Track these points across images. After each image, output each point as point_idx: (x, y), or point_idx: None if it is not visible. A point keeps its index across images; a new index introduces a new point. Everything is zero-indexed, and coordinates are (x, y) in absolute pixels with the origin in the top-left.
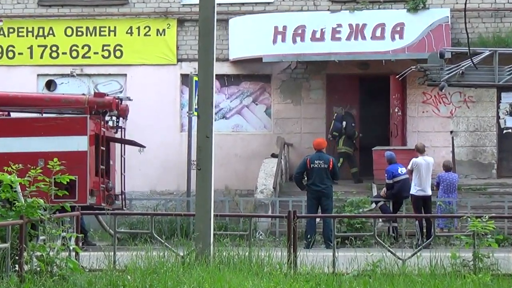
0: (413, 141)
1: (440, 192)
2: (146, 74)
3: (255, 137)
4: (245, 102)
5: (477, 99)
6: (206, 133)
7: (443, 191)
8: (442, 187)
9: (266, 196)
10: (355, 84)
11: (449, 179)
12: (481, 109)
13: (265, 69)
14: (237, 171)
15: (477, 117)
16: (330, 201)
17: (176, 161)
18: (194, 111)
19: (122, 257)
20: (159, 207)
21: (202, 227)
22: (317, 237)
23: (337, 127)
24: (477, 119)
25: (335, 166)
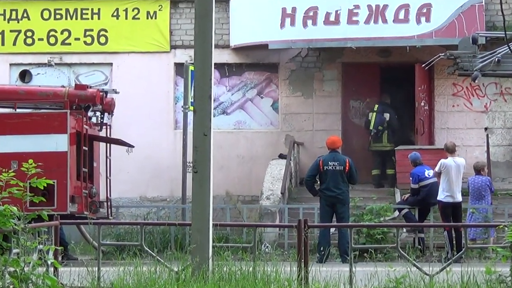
0: (442, 140)
1: (470, 199)
2: (134, 63)
3: (260, 135)
4: (249, 95)
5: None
6: (204, 130)
7: (471, 197)
8: (470, 193)
9: (273, 202)
10: (375, 74)
11: (475, 183)
12: None
13: (272, 57)
14: (240, 174)
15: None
16: (347, 208)
17: (170, 163)
18: (190, 105)
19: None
20: (150, 216)
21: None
22: (332, 249)
23: (381, 120)
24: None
25: (352, 168)
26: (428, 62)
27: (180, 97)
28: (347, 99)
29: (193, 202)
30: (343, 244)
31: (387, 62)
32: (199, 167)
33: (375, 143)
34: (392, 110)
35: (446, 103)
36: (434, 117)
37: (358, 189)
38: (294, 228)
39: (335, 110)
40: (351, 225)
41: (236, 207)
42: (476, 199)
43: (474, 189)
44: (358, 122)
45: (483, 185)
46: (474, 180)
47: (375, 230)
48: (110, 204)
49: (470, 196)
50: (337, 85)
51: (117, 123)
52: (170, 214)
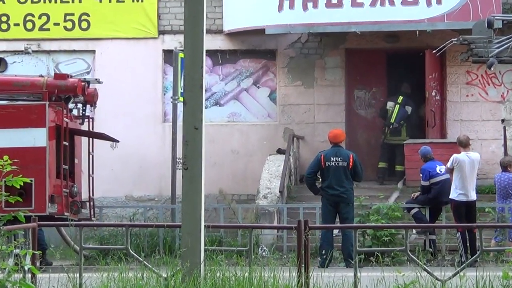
0: (455, 133)
1: (497, 197)
2: (119, 50)
3: (257, 129)
4: (244, 85)
5: None
6: (195, 123)
7: (498, 196)
8: (497, 191)
9: (270, 202)
10: (382, 62)
11: (502, 180)
12: None
13: (269, 43)
14: (234, 171)
15: None
16: (351, 208)
17: (158, 159)
18: (179, 96)
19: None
20: (137, 217)
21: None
22: (335, 253)
23: (404, 114)
24: None
25: (357, 163)
26: (440, 48)
27: (169, 87)
28: (351, 89)
29: (183, 202)
30: (347, 247)
31: (395, 48)
32: (190, 164)
33: (392, 136)
34: (414, 103)
35: (459, 93)
36: (446, 108)
37: (363, 187)
38: (294, 229)
39: (338, 101)
40: (355, 226)
41: (231, 207)
42: (503, 197)
43: (501, 187)
44: (363, 113)
45: (510, 182)
46: (500, 178)
47: (382, 231)
48: (93, 204)
49: (497, 195)
50: (340, 73)
51: (100, 115)
52: (159, 215)
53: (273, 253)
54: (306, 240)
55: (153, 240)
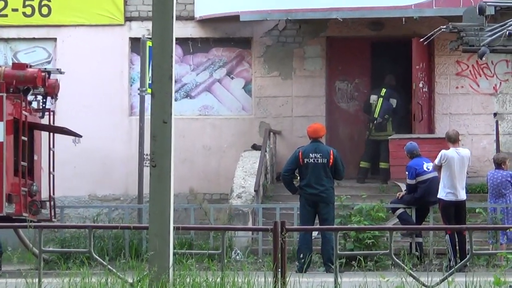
0: (443, 127)
1: (489, 197)
2: (82, 38)
3: (230, 123)
4: (217, 76)
5: None
6: (164, 117)
7: (490, 195)
8: (490, 190)
9: (245, 202)
10: (365, 51)
11: (495, 178)
12: None
13: (244, 31)
14: (206, 169)
15: None
16: (331, 208)
17: (124, 156)
18: (147, 87)
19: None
20: (101, 218)
21: (158, 244)
22: (314, 257)
23: (388, 108)
24: None
25: (338, 160)
26: (427, 36)
27: (136, 78)
28: (332, 80)
29: (151, 202)
30: (327, 250)
31: (379, 36)
32: (158, 160)
33: (378, 132)
34: (399, 95)
35: (449, 84)
36: (434, 100)
37: (344, 185)
38: (270, 231)
39: (318, 93)
40: (336, 228)
41: (202, 207)
42: (495, 197)
43: (493, 185)
44: (345, 106)
45: (504, 181)
46: (493, 175)
47: (364, 233)
48: (54, 204)
49: (489, 194)
50: (320, 63)
51: (62, 108)
52: (124, 215)
53: (248, 256)
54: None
55: (118, 242)
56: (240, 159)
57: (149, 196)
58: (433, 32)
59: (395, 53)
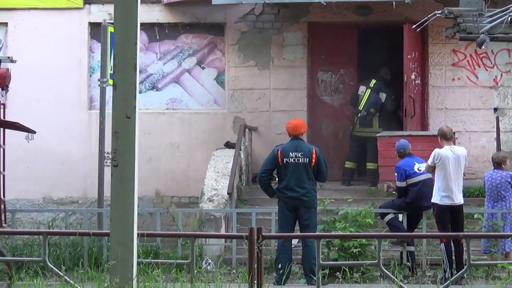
0: (438, 123)
1: (486, 199)
2: (37, 23)
3: (201, 118)
4: (186, 65)
5: None
6: (127, 111)
7: (488, 197)
8: (487, 192)
9: (217, 206)
10: (352, 38)
11: (493, 179)
12: None
13: (216, 16)
14: (174, 169)
15: None
16: (313, 213)
17: (83, 154)
18: (109, 78)
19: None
20: (57, 223)
21: (121, 252)
22: (294, 267)
23: (375, 101)
24: None
25: (321, 160)
26: (421, 22)
27: (97, 67)
28: (315, 71)
29: (113, 205)
30: (309, 260)
31: (367, 22)
32: (121, 159)
33: (362, 128)
34: (390, 90)
35: (444, 76)
36: (428, 94)
37: (328, 188)
38: (245, 239)
39: (298, 85)
40: (319, 235)
41: (169, 211)
42: (493, 200)
43: (491, 187)
44: (328, 100)
45: (503, 182)
46: (491, 176)
47: (350, 241)
48: (4, 207)
49: (486, 197)
50: (301, 52)
51: (13, 101)
52: (83, 220)
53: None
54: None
55: (76, 250)
56: (211, 158)
57: (110, 199)
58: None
59: (385, 41)
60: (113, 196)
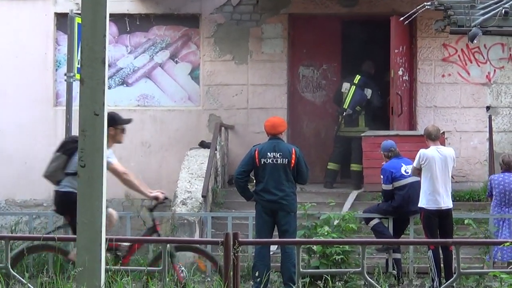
0: (427, 122)
1: (493, 204)
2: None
3: (174, 115)
4: (158, 59)
5: None
6: (95, 108)
7: (496, 202)
8: (495, 197)
9: (191, 209)
10: (336, 31)
11: (505, 183)
12: None
13: (191, 7)
14: (145, 170)
15: None
16: (293, 218)
17: (48, 154)
18: (76, 73)
19: None
20: (20, 227)
21: (88, 259)
22: (273, 275)
23: (361, 98)
24: None
25: (301, 161)
26: (409, 14)
27: (63, 61)
28: (296, 65)
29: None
30: (288, 267)
31: (352, 14)
32: (88, 159)
33: (348, 127)
34: (376, 85)
35: (433, 72)
36: (416, 91)
37: (309, 191)
38: (220, 245)
39: (278, 81)
40: (299, 241)
41: (140, 215)
42: (505, 204)
43: (503, 191)
44: (310, 97)
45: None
46: (504, 179)
47: (332, 248)
48: None
49: (494, 201)
50: (281, 45)
51: None
52: (48, 224)
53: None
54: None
55: (41, 257)
56: (185, 158)
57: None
58: (415, 9)
59: (371, 35)
60: (80, 198)
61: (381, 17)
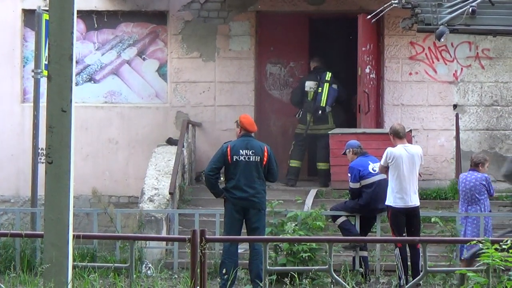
0: (394, 120)
1: (460, 203)
2: None
3: (142, 112)
4: (126, 56)
5: (497, 54)
6: (62, 104)
7: (461, 200)
8: (461, 194)
9: (158, 206)
10: (303, 29)
11: (467, 181)
12: (502, 70)
13: (158, 3)
14: (112, 167)
15: (497, 83)
16: (262, 215)
17: (15, 150)
18: (43, 69)
19: None
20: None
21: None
22: (240, 272)
23: (334, 95)
24: (497, 86)
25: (272, 159)
26: (376, 12)
27: (30, 57)
28: (263, 63)
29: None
30: (256, 265)
31: (320, 11)
32: (55, 156)
33: (318, 125)
34: (340, 82)
35: (401, 70)
36: (383, 89)
37: (276, 188)
38: (187, 242)
39: (245, 78)
40: (266, 238)
41: (107, 212)
42: (467, 203)
43: (466, 189)
44: (277, 94)
45: (478, 184)
46: (466, 178)
47: (299, 245)
48: None
49: (460, 200)
50: (249, 42)
51: None
52: (15, 220)
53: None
54: (202, 256)
55: (8, 253)
56: (152, 155)
57: (44, 198)
58: (382, 7)
59: (338, 32)
60: (47, 195)
61: (349, 15)
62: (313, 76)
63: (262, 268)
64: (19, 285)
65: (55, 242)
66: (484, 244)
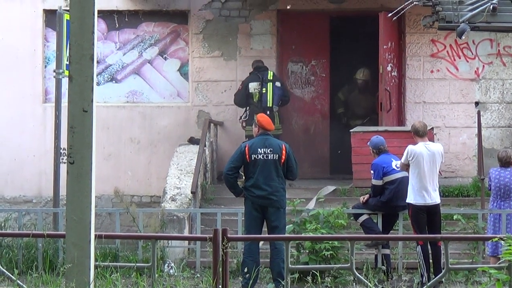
0: (416, 118)
1: (492, 199)
2: None
3: (163, 112)
4: (147, 56)
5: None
6: (83, 104)
7: (494, 197)
8: (493, 192)
9: (180, 206)
10: (324, 28)
11: (501, 177)
12: None
13: (180, 3)
14: (134, 166)
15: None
16: (282, 213)
17: (37, 150)
18: (64, 69)
19: None
20: (9, 224)
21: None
22: (262, 271)
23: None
24: None
25: (291, 157)
26: (397, 10)
27: (52, 57)
28: (285, 62)
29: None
30: (277, 263)
31: (341, 10)
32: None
33: None
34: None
35: (422, 68)
36: (405, 87)
37: (298, 187)
38: (209, 241)
39: None
40: (288, 237)
41: (129, 211)
42: (500, 198)
43: (500, 185)
44: (299, 93)
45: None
46: (500, 174)
47: (321, 244)
48: None
49: (492, 195)
50: (270, 41)
51: None
52: (37, 221)
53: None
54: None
55: (30, 253)
56: (174, 155)
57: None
58: (403, 5)
59: (359, 30)
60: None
61: (370, 13)
62: (255, 76)
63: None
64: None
65: (77, 242)
66: (506, 241)
